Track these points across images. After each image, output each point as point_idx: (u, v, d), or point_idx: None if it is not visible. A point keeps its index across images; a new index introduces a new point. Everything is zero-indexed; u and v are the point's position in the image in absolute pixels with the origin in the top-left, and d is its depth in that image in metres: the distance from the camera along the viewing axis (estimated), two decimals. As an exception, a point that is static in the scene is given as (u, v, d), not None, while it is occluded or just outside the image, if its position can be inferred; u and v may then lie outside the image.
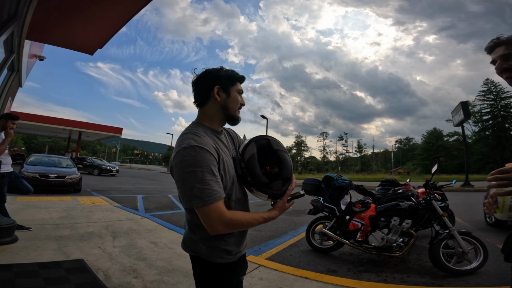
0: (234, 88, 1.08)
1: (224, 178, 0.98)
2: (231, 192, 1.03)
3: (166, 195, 9.34)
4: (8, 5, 2.70)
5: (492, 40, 1.06)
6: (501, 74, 1.03)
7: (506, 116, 35.90)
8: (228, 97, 1.07)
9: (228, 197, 1.01)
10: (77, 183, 8.31)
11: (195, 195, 0.89)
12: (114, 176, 18.72)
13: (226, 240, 1.04)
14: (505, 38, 1.03)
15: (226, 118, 1.09)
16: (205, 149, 0.92)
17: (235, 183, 1.05)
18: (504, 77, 1.03)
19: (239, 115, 1.11)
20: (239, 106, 1.10)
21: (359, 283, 2.55)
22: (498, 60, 1.03)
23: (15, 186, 3.66)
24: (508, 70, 1.00)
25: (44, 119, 21.41)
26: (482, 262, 2.89)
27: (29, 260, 2.53)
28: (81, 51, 4.23)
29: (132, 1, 2.93)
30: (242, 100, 1.12)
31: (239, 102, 1.10)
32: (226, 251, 1.04)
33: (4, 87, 4.58)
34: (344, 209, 3.47)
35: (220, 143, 1.05)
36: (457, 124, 22.62)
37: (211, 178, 0.90)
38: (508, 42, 1.01)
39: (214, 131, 1.06)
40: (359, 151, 57.97)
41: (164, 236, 3.80)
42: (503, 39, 1.03)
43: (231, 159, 1.07)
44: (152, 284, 2.26)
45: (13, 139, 3.22)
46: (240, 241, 1.09)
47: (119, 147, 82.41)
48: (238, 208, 1.06)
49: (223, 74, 1.06)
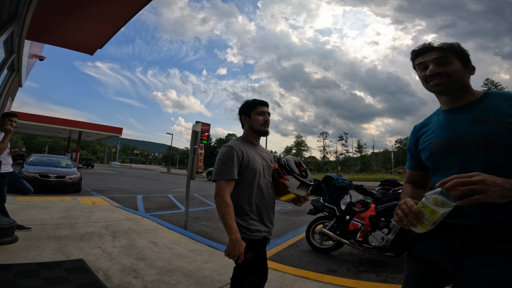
0: (254, 112, 1.56)
1: (247, 169, 1.46)
2: (253, 181, 1.47)
3: (166, 195, 9.34)
4: (8, 5, 2.70)
5: (424, 44, 1.06)
6: (430, 79, 1.02)
7: (506, 116, 35.97)
8: (251, 120, 1.57)
9: (250, 185, 1.47)
10: (77, 183, 8.30)
11: (217, 172, 1.43)
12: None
13: (246, 219, 1.45)
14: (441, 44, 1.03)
15: (256, 133, 1.57)
16: (234, 148, 1.45)
17: (259, 176, 1.49)
18: (431, 83, 1.02)
19: (264, 129, 1.56)
20: (262, 123, 1.55)
21: (359, 283, 2.55)
22: (430, 64, 1.02)
23: (15, 186, 3.65)
24: (441, 75, 0.99)
25: (44, 119, 21.39)
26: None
27: (29, 260, 2.53)
28: (81, 51, 4.23)
29: (132, 1, 2.93)
30: (265, 117, 1.55)
31: (261, 120, 1.54)
32: (247, 228, 1.43)
33: (4, 87, 4.58)
34: (344, 209, 3.47)
35: (251, 149, 1.53)
36: (457, 124, 22.63)
37: (231, 165, 1.42)
38: (441, 49, 1.02)
39: (250, 142, 1.58)
40: (359, 151, 58.02)
41: (164, 236, 3.80)
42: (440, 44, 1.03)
43: (260, 159, 1.54)
44: (152, 284, 2.26)
45: (13, 139, 3.21)
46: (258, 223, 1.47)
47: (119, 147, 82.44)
48: (259, 195, 1.49)
49: (246, 105, 1.59)
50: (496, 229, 0.87)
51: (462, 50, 1.02)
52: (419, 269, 1.06)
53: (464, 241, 0.92)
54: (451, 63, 0.99)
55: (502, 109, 0.92)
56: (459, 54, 1.01)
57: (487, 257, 0.87)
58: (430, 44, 1.04)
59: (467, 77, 1.02)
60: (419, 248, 1.06)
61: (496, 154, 0.88)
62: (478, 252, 0.90)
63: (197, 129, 4.74)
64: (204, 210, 6.71)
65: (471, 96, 1.01)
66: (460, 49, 1.02)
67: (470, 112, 0.97)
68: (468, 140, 0.93)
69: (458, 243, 0.93)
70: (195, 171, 4.73)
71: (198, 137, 4.70)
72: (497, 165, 0.87)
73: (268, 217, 1.53)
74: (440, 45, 1.02)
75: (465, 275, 0.92)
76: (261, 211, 1.49)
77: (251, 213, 1.46)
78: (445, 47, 1.01)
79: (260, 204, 1.49)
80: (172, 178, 21.97)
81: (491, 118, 0.92)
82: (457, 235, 0.94)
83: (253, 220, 1.46)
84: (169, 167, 43.25)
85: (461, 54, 1.01)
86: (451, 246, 0.95)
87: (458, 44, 1.03)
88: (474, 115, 0.95)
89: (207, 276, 2.50)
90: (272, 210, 1.57)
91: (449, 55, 1.00)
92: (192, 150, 4.62)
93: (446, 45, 1.02)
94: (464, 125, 0.96)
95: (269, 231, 1.54)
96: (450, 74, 0.98)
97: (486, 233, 0.88)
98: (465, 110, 0.99)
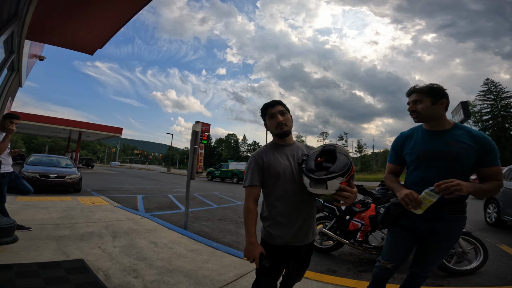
0: (267, 117, 1.56)
1: (268, 174, 1.46)
2: (276, 184, 1.44)
3: (166, 195, 9.34)
4: (8, 5, 2.70)
5: (411, 88, 1.56)
6: (411, 114, 1.55)
7: (506, 116, 35.87)
8: (267, 125, 1.59)
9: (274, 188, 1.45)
10: (77, 183, 8.30)
11: (244, 179, 1.49)
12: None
13: (269, 224, 1.46)
14: (419, 87, 1.52)
15: (276, 135, 1.56)
16: (254, 156, 1.51)
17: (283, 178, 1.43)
18: (412, 116, 1.55)
19: (280, 131, 1.52)
20: (277, 125, 1.51)
21: (359, 283, 2.55)
22: (410, 103, 1.55)
23: (15, 187, 3.65)
24: (415, 111, 1.53)
25: (44, 119, 21.37)
26: (482, 262, 2.89)
27: (29, 260, 2.53)
28: (81, 51, 4.23)
29: (132, 1, 2.93)
30: (277, 119, 1.51)
31: (274, 124, 1.52)
32: (269, 233, 1.45)
33: (4, 87, 4.58)
34: (344, 209, 3.47)
35: (277, 152, 1.52)
36: (457, 124, 22.59)
37: (252, 172, 1.46)
38: (419, 91, 1.51)
39: (277, 145, 1.56)
40: (359, 151, 57.92)
41: (164, 236, 3.79)
42: (417, 88, 1.52)
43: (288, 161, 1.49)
44: (152, 284, 2.26)
45: (13, 139, 3.20)
46: (283, 228, 1.42)
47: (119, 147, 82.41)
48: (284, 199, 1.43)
49: (261, 112, 1.60)
50: (450, 205, 1.48)
51: (434, 90, 1.47)
52: (405, 234, 1.60)
53: (433, 213, 1.48)
54: (422, 102, 1.50)
55: (464, 139, 1.45)
56: (431, 93, 1.47)
57: (446, 222, 1.49)
58: (414, 88, 1.54)
59: (437, 110, 1.48)
60: (406, 220, 1.58)
61: (457, 165, 1.44)
62: (441, 220, 1.49)
63: (197, 129, 4.74)
64: (204, 210, 6.71)
65: (446, 125, 1.51)
66: (433, 90, 1.47)
67: (446, 136, 1.48)
68: (444, 155, 1.46)
69: (429, 215, 1.48)
70: (195, 171, 4.73)
71: (198, 137, 4.70)
72: (456, 172, 1.42)
73: (293, 223, 1.41)
74: (418, 88, 1.51)
75: (433, 235, 1.53)
76: (288, 216, 1.42)
77: (276, 217, 1.43)
78: (421, 90, 1.50)
79: (286, 209, 1.42)
80: (172, 178, 21.97)
81: (458, 143, 1.44)
82: (430, 210, 1.42)
83: (277, 224, 1.42)
84: (169, 167, 43.23)
85: (433, 93, 1.47)
86: (426, 217, 1.50)
87: (432, 86, 1.49)
88: (448, 139, 1.47)
89: (207, 276, 2.50)
90: (301, 214, 1.43)
91: (422, 96, 1.49)
92: (192, 150, 4.62)
93: (423, 88, 1.50)
94: (443, 144, 1.47)
95: (297, 238, 1.43)
96: (419, 111, 1.51)
97: (445, 207, 1.47)
98: (443, 133, 1.50)
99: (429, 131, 1.53)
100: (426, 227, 1.52)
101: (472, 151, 1.42)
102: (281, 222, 1.42)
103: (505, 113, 36.06)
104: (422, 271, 1.64)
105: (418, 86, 1.51)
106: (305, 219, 1.45)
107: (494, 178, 1.43)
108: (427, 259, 1.61)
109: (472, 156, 1.42)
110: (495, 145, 1.45)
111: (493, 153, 1.43)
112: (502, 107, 36.27)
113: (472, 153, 1.42)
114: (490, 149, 1.43)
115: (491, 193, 1.50)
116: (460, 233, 1.56)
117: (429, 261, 1.61)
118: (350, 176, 1.29)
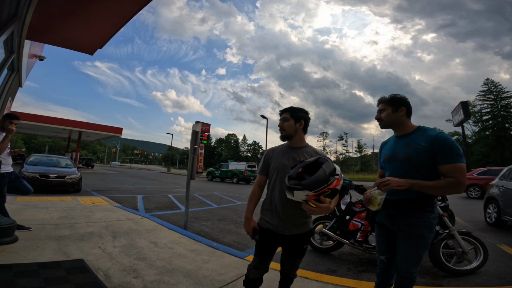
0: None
1: (270, 168, 1.75)
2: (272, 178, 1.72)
3: (166, 195, 9.34)
4: (8, 5, 2.70)
5: (380, 98, 1.78)
6: (378, 121, 1.76)
7: (506, 116, 35.82)
8: None
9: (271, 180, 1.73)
10: (77, 183, 8.30)
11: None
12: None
13: (263, 209, 1.77)
14: (383, 98, 1.74)
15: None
16: (267, 151, 1.84)
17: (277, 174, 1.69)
18: (378, 123, 1.75)
19: (280, 134, 1.75)
20: (280, 129, 1.75)
21: (359, 283, 2.55)
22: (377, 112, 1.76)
23: (15, 187, 3.65)
24: (379, 119, 1.74)
25: (44, 119, 21.37)
26: (482, 262, 2.89)
27: (29, 260, 2.53)
28: (81, 51, 4.23)
29: (132, 1, 2.93)
30: (280, 124, 1.75)
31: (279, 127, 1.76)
32: (260, 217, 1.76)
33: (4, 87, 4.58)
34: (344, 209, 3.47)
35: (284, 151, 1.75)
36: (457, 124, 22.59)
37: (261, 163, 1.82)
38: (383, 101, 1.73)
39: (287, 146, 1.78)
40: (359, 151, 57.91)
41: (164, 236, 3.79)
42: (381, 99, 1.75)
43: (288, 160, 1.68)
44: (152, 284, 2.26)
45: (13, 139, 3.20)
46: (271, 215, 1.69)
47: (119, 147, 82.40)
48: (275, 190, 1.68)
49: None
50: (408, 202, 1.59)
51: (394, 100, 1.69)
52: (381, 230, 1.78)
53: (394, 210, 1.64)
54: (384, 111, 1.71)
55: (418, 140, 1.59)
56: (392, 103, 1.69)
57: (409, 219, 1.59)
58: (380, 98, 1.77)
59: (397, 117, 1.68)
60: (379, 217, 1.77)
61: (408, 164, 1.58)
62: (403, 217, 1.61)
63: (197, 129, 4.74)
64: (204, 210, 6.71)
65: (408, 129, 1.68)
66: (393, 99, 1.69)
67: (405, 139, 1.66)
68: (398, 156, 1.65)
69: (391, 211, 1.66)
70: (195, 171, 4.73)
71: (198, 137, 4.70)
72: (409, 171, 1.57)
73: (277, 212, 1.66)
74: (383, 99, 1.74)
75: (399, 232, 1.64)
76: (273, 205, 1.69)
77: (266, 205, 1.75)
78: (384, 100, 1.73)
79: (274, 199, 1.69)
80: (172, 178, 21.97)
81: (413, 144, 1.59)
82: (390, 206, 1.64)
83: (266, 211, 1.73)
84: (169, 167, 43.22)
85: (393, 103, 1.68)
86: (389, 213, 1.68)
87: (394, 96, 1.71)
88: (405, 142, 1.64)
89: (207, 276, 2.50)
90: (285, 207, 1.63)
91: (385, 105, 1.71)
92: (192, 150, 4.62)
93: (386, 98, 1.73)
94: (400, 147, 1.66)
95: (277, 224, 1.65)
96: (382, 119, 1.72)
97: (402, 204, 1.60)
98: (404, 137, 1.68)
99: (396, 136, 1.74)
100: (390, 223, 1.68)
101: (423, 151, 1.53)
102: (269, 210, 1.71)
103: (505, 113, 36.02)
104: (398, 271, 1.67)
105: (383, 97, 1.75)
106: (291, 212, 1.63)
107: (447, 175, 1.48)
108: (397, 257, 1.67)
109: (423, 155, 1.53)
110: (450, 144, 1.49)
111: (444, 151, 1.48)
112: (502, 107, 36.23)
113: (424, 153, 1.53)
114: (442, 148, 1.49)
115: (441, 190, 1.51)
116: (424, 232, 1.56)
117: (398, 259, 1.66)
118: (321, 192, 1.36)
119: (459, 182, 1.45)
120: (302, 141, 1.76)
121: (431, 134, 1.56)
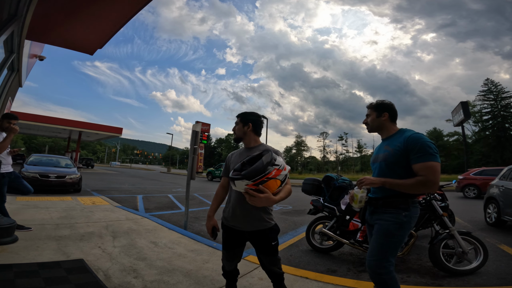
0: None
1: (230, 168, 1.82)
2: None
3: (166, 195, 9.34)
4: (8, 5, 2.70)
5: (368, 104, 1.92)
6: (365, 125, 1.92)
7: (506, 116, 35.82)
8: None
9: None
10: (77, 183, 8.30)
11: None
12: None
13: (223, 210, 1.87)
14: (369, 104, 1.90)
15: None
16: (228, 155, 1.95)
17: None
18: (366, 127, 1.92)
19: (234, 137, 1.93)
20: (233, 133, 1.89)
21: (359, 283, 2.55)
22: (365, 117, 1.91)
23: (15, 187, 3.65)
24: (366, 124, 1.90)
25: (44, 119, 21.37)
26: (482, 262, 2.89)
27: (29, 260, 2.53)
28: (81, 51, 4.23)
29: (132, 1, 2.93)
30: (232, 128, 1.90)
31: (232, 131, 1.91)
32: (222, 215, 1.86)
33: (4, 87, 4.58)
34: (344, 209, 3.46)
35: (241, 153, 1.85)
36: (457, 124, 22.61)
37: (224, 166, 1.92)
38: (369, 107, 1.89)
39: (245, 148, 1.87)
40: (359, 151, 57.87)
41: (164, 236, 3.79)
42: (368, 105, 1.91)
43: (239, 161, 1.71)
44: (152, 284, 2.26)
45: (13, 139, 3.19)
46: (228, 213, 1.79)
47: (119, 147, 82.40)
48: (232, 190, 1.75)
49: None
50: (384, 199, 1.68)
51: (378, 106, 1.83)
52: (368, 227, 1.85)
53: (373, 206, 1.75)
54: (369, 116, 1.87)
55: (396, 141, 1.68)
56: (376, 108, 1.83)
57: (382, 215, 1.67)
58: (368, 104, 1.91)
59: (381, 121, 1.81)
60: (366, 215, 1.86)
61: (385, 165, 1.69)
62: (379, 213, 1.69)
63: (197, 129, 4.74)
64: (204, 210, 6.71)
65: (390, 132, 1.80)
66: (377, 105, 1.84)
67: (386, 142, 1.79)
68: (379, 157, 1.76)
69: (372, 208, 1.76)
70: (195, 171, 4.73)
71: (198, 137, 4.70)
72: (385, 171, 1.68)
73: (234, 210, 1.74)
74: (369, 105, 1.89)
75: (375, 226, 1.71)
76: (231, 203, 1.78)
77: (226, 204, 1.85)
78: (370, 106, 1.88)
79: (231, 197, 1.80)
80: (172, 178, 21.97)
81: (391, 146, 1.70)
82: (371, 203, 1.76)
83: (226, 208, 1.83)
84: (169, 167, 43.23)
85: (377, 108, 1.82)
86: (370, 210, 1.78)
87: (379, 102, 1.85)
88: (385, 144, 1.76)
89: (207, 276, 2.50)
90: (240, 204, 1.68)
91: (371, 111, 1.86)
92: (192, 150, 4.62)
93: (372, 104, 1.88)
94: (382, 149, 1.78)
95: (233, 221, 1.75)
96: (368, 123, 1.89)
97: (380, 201, 1.70)
98: (385, 140, 1.81)
99: (382, 139, 1.87)
100: (370, 219, 1.78)
101: (399, 151, 1.62)
102: (227, 207, 1.82)
103: (505, 113, 36.02)
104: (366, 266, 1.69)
105: (370, 103, 1.89)
106: (247, 209, 1.65)
107: (418, 174, 1.54)
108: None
109: (398, 155, 1.62)
110: (421, 143, 1.55)
111: (415, 150, 1.56)
112: (502, 107, 36.23)
113: (399, 153, 1.62)
114: (413, 147, 1.57)
115: (411, 188, 1.56)
116: (392, 228, 1.59)
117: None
118: (259, 181, 1.42)
119: (429, 180, 1.50)
120: (255, 141, 1.85)
121: (406, 135, 1.65)
